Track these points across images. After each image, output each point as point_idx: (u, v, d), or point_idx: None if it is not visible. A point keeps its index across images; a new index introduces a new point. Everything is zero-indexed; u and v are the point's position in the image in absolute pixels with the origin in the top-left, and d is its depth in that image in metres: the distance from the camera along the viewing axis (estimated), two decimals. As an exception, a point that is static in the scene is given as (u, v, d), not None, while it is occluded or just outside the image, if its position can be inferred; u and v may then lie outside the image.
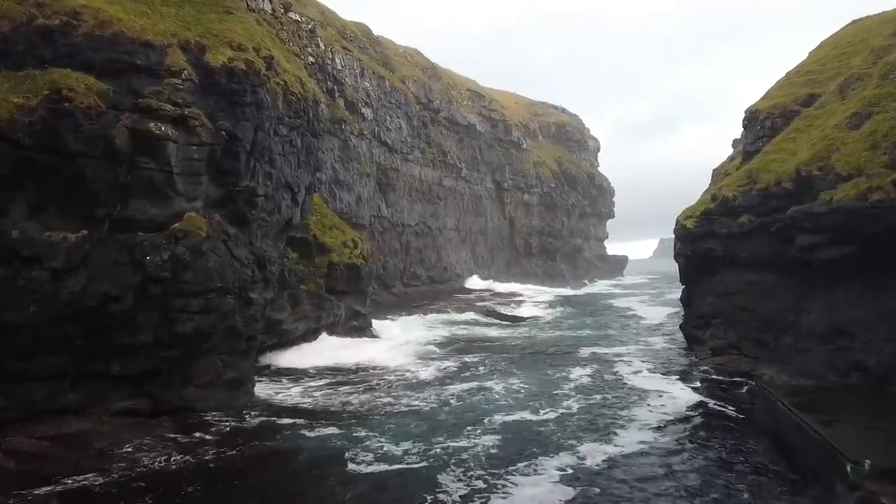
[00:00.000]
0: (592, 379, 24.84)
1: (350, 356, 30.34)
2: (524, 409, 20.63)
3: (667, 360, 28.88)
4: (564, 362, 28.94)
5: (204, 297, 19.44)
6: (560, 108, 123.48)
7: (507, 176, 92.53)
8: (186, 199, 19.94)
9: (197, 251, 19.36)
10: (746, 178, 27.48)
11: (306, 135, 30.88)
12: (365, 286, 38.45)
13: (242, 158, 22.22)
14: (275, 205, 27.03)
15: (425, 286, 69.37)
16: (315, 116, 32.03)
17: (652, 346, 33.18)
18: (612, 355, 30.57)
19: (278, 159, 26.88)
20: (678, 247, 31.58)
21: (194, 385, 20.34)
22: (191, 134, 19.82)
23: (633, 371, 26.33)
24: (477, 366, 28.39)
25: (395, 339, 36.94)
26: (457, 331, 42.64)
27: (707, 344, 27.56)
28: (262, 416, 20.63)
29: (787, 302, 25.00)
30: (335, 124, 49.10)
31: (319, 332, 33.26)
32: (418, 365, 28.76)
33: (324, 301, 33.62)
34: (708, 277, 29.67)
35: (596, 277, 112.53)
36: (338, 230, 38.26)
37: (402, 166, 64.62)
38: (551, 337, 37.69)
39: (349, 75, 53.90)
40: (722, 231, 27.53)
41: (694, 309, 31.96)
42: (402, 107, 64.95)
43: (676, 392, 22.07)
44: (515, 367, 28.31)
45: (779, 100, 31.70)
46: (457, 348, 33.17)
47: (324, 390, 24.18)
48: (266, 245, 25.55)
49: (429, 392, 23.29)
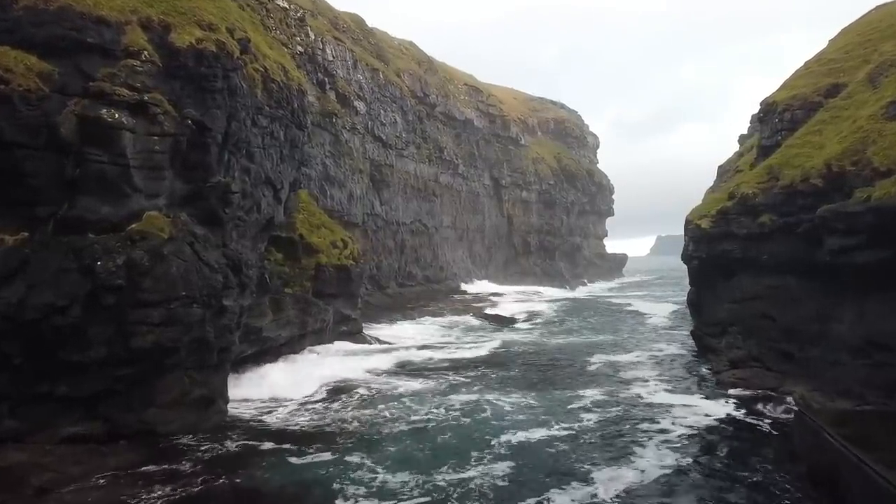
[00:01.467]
0: (604, 393, 22.62)
1: (339, 366, 28.13)
2: (534, 428, 18.52)
3: (681, 371, 26.69)
4: (572, 373, 26.71)
5: (165, 307, 17.19)
6: (559, 104, 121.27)
7: (505, 173, 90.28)
8: (146, 197, 17.69)
9: (157, 255, 17.12)
10: (767, 174, 25.29)
11: (290, 127, 28.65)
12: (355, 289, 36.22)
13: (213, 151, 19.98)
14: (254, 202, 24.82)
15: (421, 286, 67.13)
16: (300, 107, 29.79)
17: (662, 353, 30.99)
18: (622, 365, 28.40)
19: (257, 153, 24.66)
20: (690, 248, 29.38)
21: (157, 405, 18.10)
22: (151, 122, 17.57)
23: (646, 384, 24.16)
24: (480, 377, 26.13)
25: (389, 346, 34.73)
26: (455, 337, 40.44)
27: (724, 354, 25.38)
28: (241, 440, 18.44)
29: (813, 309, 22.81)
30: (326, 118, 46.80)
31: (305, 338, 31.02)
32: (416, 376, 26.47)
33: (310, 305, 31.36)
34: (723, 281, 27.49)
35: (596, 276, 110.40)
36: (326, 229, 35.99)
37: (396, 162, 62.32)
38: (556, 344, 35.39)
39: (341, 67, 51.56)
40: (740, 232, 25.34)
41: (707, 315, 29.79)
42: (396, 100, 62.64)
43: (697, 410, 19.89)
44: (521, 378, 26.09)
45: (798, 90, 29.49)
46: (456, 357, 30.85)
47: (312, 406, 21.92)
48: (243, 247, 23.32)
49: (430, 407, 21.11)
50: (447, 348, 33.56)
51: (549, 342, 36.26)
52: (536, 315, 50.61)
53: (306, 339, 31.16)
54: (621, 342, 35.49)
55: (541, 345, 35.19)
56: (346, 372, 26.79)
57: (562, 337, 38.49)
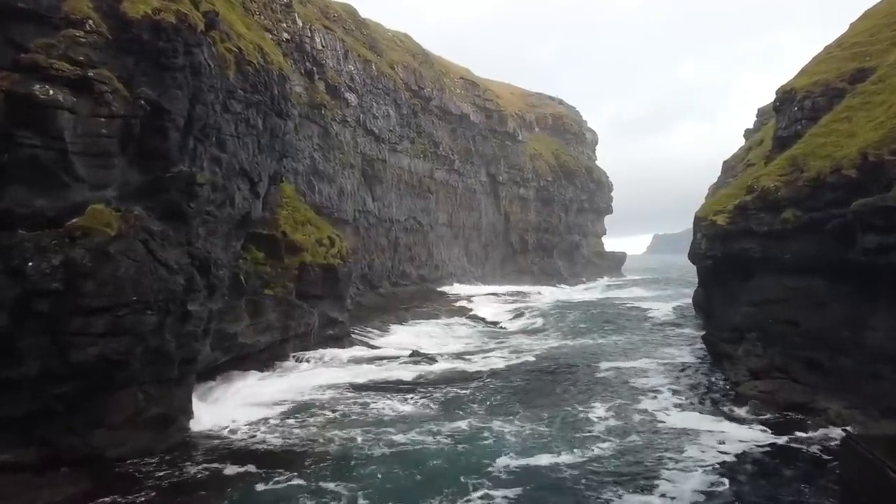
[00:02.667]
0: (615, 410, 20.26)
1: (321, 376, 25.84)
2: (539, 452, 16.29)
3: (695, 380, 24.45)
4: (578, 385, 24.28)
5: (112, 315, 14.92)
6: (557, 100, 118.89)
7: (502, 169, 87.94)
8: (91, 187, 15.40)
9: (102, 254, 14.83)
10: (789, 165, 23.12)
11: (270, 115, 26.36)
12: (343, 290, 33.94)
13: (173, 136, 17.67)
14: (226, 196, 22.52)
15: (416, 285, 64.88)
16: (281, 94, 27.49)
17: (672, 359, 28.73)
18: (630, 373, 26.14)
19: (230, 141, 22.36)
20: (703, 247, 27.21)
21: (106, 426, 15.86)
22: (97, 102, 15.28)
23: (659, 398, 21.91)
24: (476, 391, 23.76)
25: (378, 353, 32.48)
26: (449, 342, 38.23)
27: (741, 362, 23.18)
28: (204, 463, 16.28)
29: (843, 314, 20.65)
30: (314, 109, 44.45)
31: (288, 344, 28.75)
32: (406, 389, 23.98)
33: (293, 308, 29.07)
34: (740, 282, 25.35)
35: (595, 275, 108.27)
36: (312, 226, 33.68)
37: (389, 157, 59.96)
38: (559, 351, 32.88)
39: (331, 57, 49.17)
40: (760, 229, 23.19)
41: (720, 318, 27.66)
42: (390, 93, 60.24)
43: (720, 432, 17.63)
44: (521, 390, 23.79)
45: (820, 76, 27.34)
46: (450, 367, 28.41)
47: (286, 422, 19.58)
48: (212, 245, 21.01)
49: (420, 427, 18.66)
50: (440, 355, 31.27)
51: (552, 348, 33.99)
52: (532, 318, 48.32)
53: (288, 344, 28.91)
54: (628, 347, 33.26)
55: (543, 352, 32.90)
56: (328, 383, 24.40)
57: (565, 342, 36.22)
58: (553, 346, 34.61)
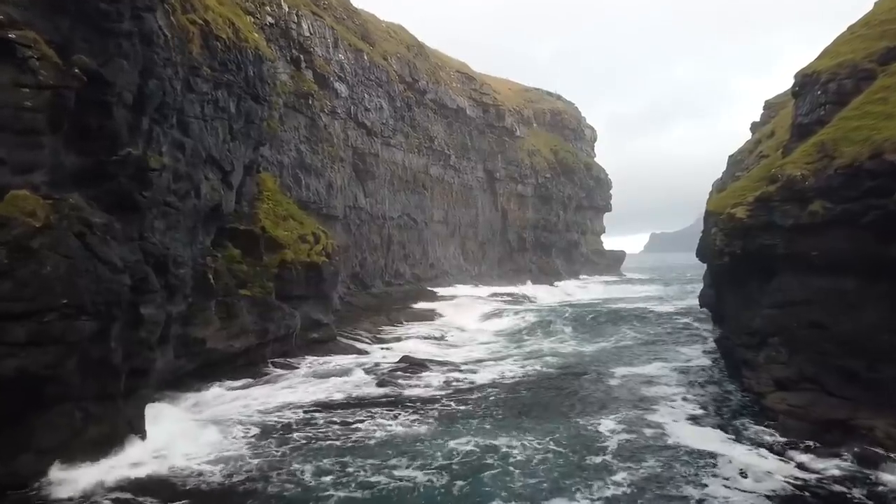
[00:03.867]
0: (626, 423, 17.97)
1: (299, 390, 23.09)
2: (551, 493, 13.57)
3: (713, 390, 22.16)
4: (585, 397, 21.82)
5: (36, 321, 12.58)
6: (555, 95, 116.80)
7: (499, 165, 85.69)
8: (12, 171, 13.07)
9: (22, 250, 12.49)
10: (817, 152, 20.79)
11: (244, 98, 24.05)
12: (328, 289, 31.63)
13: (119, 114, 15.33)
14: (191, 185, 20.22)
15: (410, 284, 62.64)
16: (258, 76, 25.17)
17: (685, 366, 26.44)
18: (642, 380, 23.91)
19: (195, 124, 20.04)
20: (718, 243, 24.86)
21: (34, 450, 13.52)
22: (19, 70, 12.96)
23: (673, 410, 19.66)
24: (476, 402, 21.25)
25: (366, 359, 30.17)
26: (444, 346, 35.96)
27: (763, 370, 20.87)
28: (148, 497, 13.72)
29: (880, 317, 18.36)
30: (300, 98, 42.13)
31: (266, 349, 26.45)
32: (394, 404, 21.04)
33: (272, 310, 26.77)
34: (760, 282, 23.04)
35: (594, 274, 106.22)
36: (295, 221, 31.37)
37: (382, 151, 57.64)
38: (566, 358, 30.04)
39: (319, 44, 46.82)
40: (785, 222, 20.84)
41: (736, 321, 25.33)
42: (382, 85, 57.91)
43: (747, 456, 15.37)
44: (525, 402, 21.32)
45: (845, 57, 25.03)
46: (446, 376, 25.69)
47: (254, 449, 16.68)
48: (173, 240, 18.70)
49: (409, 452, 15.88)
50: (433, 363, 28.89)
51: (560, 354, 31.69)
52: (529, 321, 46.00)
53: (267, 349, 26.62)
54: (635, 351, 31.02)
55: (548, 359, 30.57)
56: (305, 397, 21.76)
57: (573, 347, 33.89)
58: (560, 351, 32.31)
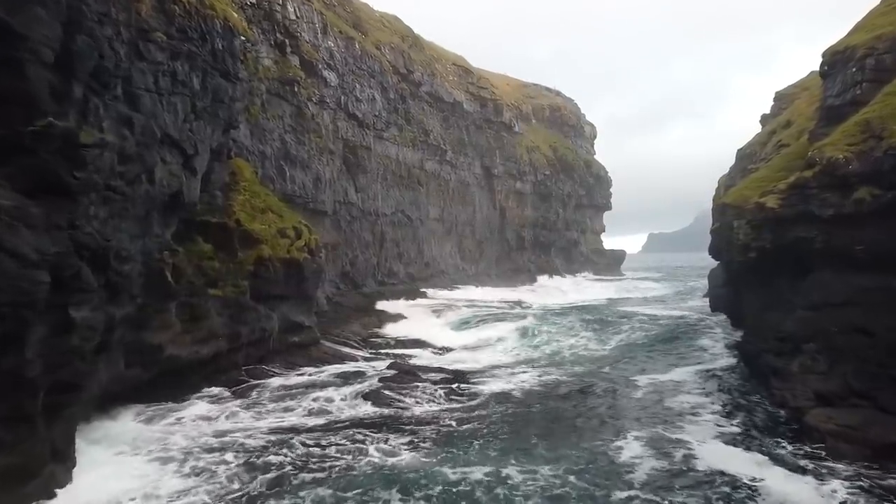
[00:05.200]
0: (656, 454, 15.11)
1: (267, 406, 20.15)
2: None
3: (741, 405, 19.46)
4: (600, 416, 18.84)
5: (-89, 328, 9.95)
6: (555, 91, 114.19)
7: (497, 161, 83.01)
8: None
9: None
10: (862, 132, 18.26)
11: (211, 74, 21.38)
12: (310, 289, 28.94)
13: (38, 76, 12.66)
14: (143, 168, 17.52)
15: (404, 284, 59.96)
16: (228, 51, 22.51)
17: (705, 375, 23.73)
18: (663, 389, 21.33)
19: (146, 98, 17.36)
20: (743, 237, 22.32)
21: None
22: None
23: (704, 429, 16.99)
24: (480, 418, 18.45)
25: (351, 367, 27.52)
26: (440, 350, 33.31)
27: (798, 380, 18.27)
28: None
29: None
30: (285, 85, 39.45)
31: (238, 354, 23.81)
32: (379, 425, 17.80)
33: (245, 311, 24.11)
34: (792, 280, 20.52)
35: (594, 273, 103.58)
36: (274, 214, 28.68)
37: (375, 145, 54.93)
38: (573, 368, 27.05)
39: (307, 30, 44.12)
40: (824, 212, 18.33)
41: (760, 324, 22.80)
42: (375, 75, 55.18)
43: (792, 486, 12.77)
44: (538, 417, 18.66)
45: (883, 30, 22.53)
46: (445, 387, 22.79)
47: (199, 480, 14.02)
48: (116, 230, 16.03)
49: (401, 489, 13.12)
50: (427, 370, 26.20)
51: (565, 361, 29.09)
52: (539, 322, 43.34)
53: (239, 354, 23.96)
54: (648, 356, 28.41)
55: (560, 366, 27.98)
56: (279, 415, 18.82)
57: (578, 351, 31.17)
58: (567, 357, 29.68)
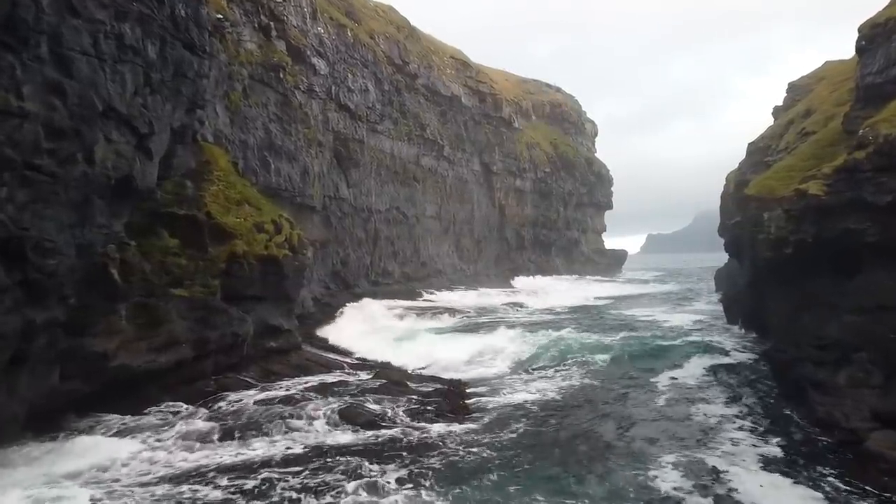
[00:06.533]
0: (693, 486, 12.45)
1: (230, 429, 17.28)
2: None
3: (777, 422, 16.68)
4: (625, 437, 16.21)
5: None
6: (555, 87, 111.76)
7: (496, 158, 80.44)
8: None
9: None
10: (924, 105, 15.68)
11: (172, 44, 18.73)
12: (291, 289, 26.26)
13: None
14: (79, 146, 14.89)
15: (399, 284, 57.40)
16: (193, 20, 19.86)
17: (736, 381, 21.13)
18: (688, 399, 18.71)
19: (82, 62, 14.71)
20: (776, 231, 19.65)
21: None
22: None
23: (742, 453, 14.33)
24: (485, 463, 14.58)
25: (333, 378, 24.87)
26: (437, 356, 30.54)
27: (848, 397, 15.63)
28: None
29: None
30: (269, 71, 36.76)
31: (205, 362, 21.13)
32: (370, 456, 14.59)
33: (214, 314, 21.43)
34: (835, 279, 17.89)
35: (595, 274, 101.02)
36: (251, 206, 26.03)
37: (368, 138, 52.27)
38: (578, 382, 24.27)
39: (294, 14, 41.44)
40: (880, 199, 15.71)
41: (795, 329, 20.14)
42: (368, 65, 52.57)
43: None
44: (550, 458, 15.33)
45: (933, -3, 20.00)
46: (440, 399, 20.24)
47: None
48: (38, 217, 13.37)
49: None
50: (420, 379, 23.51)
51: (571, 368, 26.44)
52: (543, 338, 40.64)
53: (207, 363, 21.27)
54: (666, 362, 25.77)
55: (559, 374, 25.33)
56: (243, 445, 15.91)
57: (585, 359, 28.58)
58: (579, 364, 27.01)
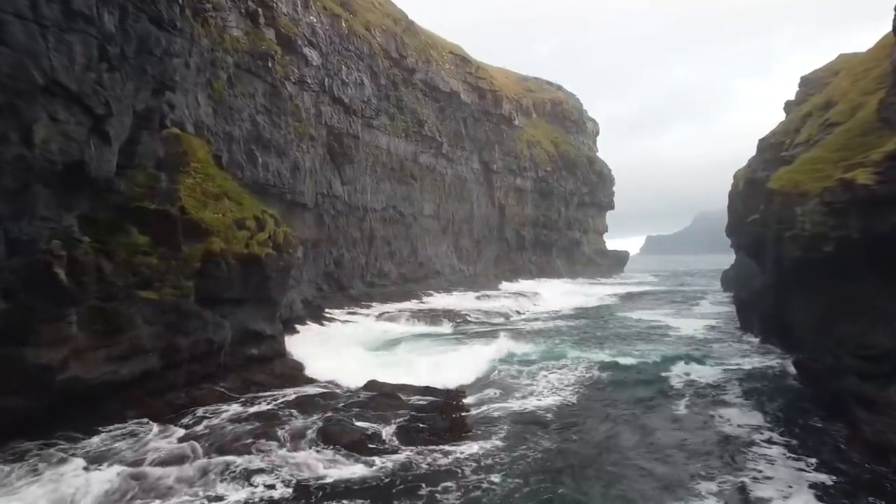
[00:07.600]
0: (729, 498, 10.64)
1: (197, 461, 15.12)
2: None
3: (824, 445, 14.70)
4: (656, 461, 14.09)
5: None
6: (556, 85, 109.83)
7: (496, 156, 78.41)
8: None
9: None
10: None
11: (136, 16, 16.75)
12: (275, 291, 24.15)
13: None
14: (15, 124, 12.88)
15: (396, 286, 55.41)
16: (163, -9, 17.82)
17: (763, 393, 19.06)
18: (715, 414, 16.65)
19: (17, 26, 12.70)
20: (811, 227, 17.60)
21: None
22: None
23: (786, 476, 12.33)
24: (497, 462, 13.93)
25: (315, 391, 22.78)
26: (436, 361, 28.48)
27: (903, 415, 13.63)
28: None
29: None
30: (257, 59, 34.75)
31: (177, 373, 19.04)
32: (368, 495, 12.43)
33: (186, 318, 19.33)
34: (881, 282, 15.84)
35: (596, 275, 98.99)
36: (231, 201, 23.94)
37: (363, 133, 50.27)
38: (594, 394, 22.62)
39: (285, 1, 39.47)
40: (942, 189, 13.69)
41: (831, 338, 18.08)
42: (364, 58, 50.59)
43: None
44: (582, 487, 13.42)
45: (985, -33, 17.95)
46: (433, 426, 18.32)
47: None
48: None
49: None
50: (415, 390, 21.43)
51: (584, 378, 24.38)
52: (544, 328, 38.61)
53: (178, 373, 19.16)
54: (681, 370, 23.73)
55: (568, 384, 23.29)
56: (212, 480, 13.78)
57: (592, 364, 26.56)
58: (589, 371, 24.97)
